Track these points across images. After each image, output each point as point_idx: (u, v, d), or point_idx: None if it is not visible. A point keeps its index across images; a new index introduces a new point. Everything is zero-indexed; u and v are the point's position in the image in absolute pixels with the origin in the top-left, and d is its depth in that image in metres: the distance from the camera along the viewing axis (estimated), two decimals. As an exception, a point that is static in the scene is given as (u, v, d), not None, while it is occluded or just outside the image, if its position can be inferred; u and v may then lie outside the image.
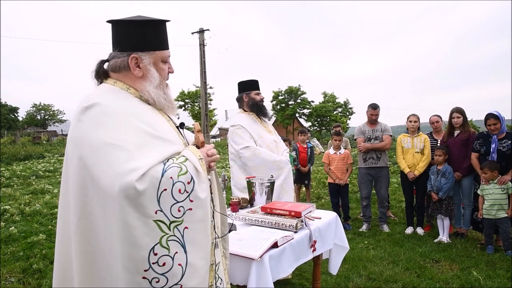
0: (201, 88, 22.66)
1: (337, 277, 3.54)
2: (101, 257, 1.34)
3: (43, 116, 47.23)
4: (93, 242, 1.35)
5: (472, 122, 24.70)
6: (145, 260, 1.28)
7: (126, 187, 1.24)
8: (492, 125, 4.42)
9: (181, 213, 1.35)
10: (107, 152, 1.29)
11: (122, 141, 1.32)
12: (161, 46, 1.57)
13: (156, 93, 1.54)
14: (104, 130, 1.33)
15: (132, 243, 1.28)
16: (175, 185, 1.34)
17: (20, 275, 3.77)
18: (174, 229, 1.33)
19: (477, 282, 3.49)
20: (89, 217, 1.35)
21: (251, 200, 3.01)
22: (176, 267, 1.33)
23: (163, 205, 1.31)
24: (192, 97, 37.26)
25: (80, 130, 1.37)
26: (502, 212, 4.22)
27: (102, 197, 1.29)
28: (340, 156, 5.78)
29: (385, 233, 5.17)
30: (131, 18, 1.53)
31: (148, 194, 1.28)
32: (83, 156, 1.33)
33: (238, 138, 3.54)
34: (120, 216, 1.26)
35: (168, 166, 1.35)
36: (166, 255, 1.31)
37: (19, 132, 29.79)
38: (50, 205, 6.95)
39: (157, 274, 1.30)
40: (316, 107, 38.25)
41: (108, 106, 1.40)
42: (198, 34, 22.27)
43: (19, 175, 11.33)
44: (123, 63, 1.52)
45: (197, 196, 1.40)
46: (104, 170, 1.28)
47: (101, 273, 1.35)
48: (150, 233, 1.29)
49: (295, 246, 2.22)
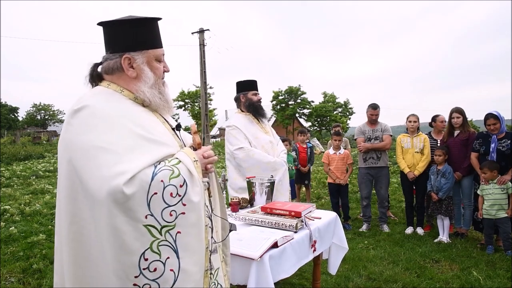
0: (201, 88, 22.66)
1: (337, 277, 3.55)
2: (92, 263, 1.30)
3: (43, 116, 47.24)
4: (84, 248, 1.31)
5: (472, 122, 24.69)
6: (135, 266, 1.25)
7: (113, 191, 1.21)
8: (492, 125, 4.42)
9: (173, 218, 1.32)
10: (95, 155, 1.26)
11: (111, 144, 1.29)
12: (154, 45, 1.54)
13: (151, 92, 1.51)
14: (94, 133, 1.31)
15: (122, 248, 1.25)
16: (166, 188, 1.30)
17: (20, 275, 3.77)
18: (166, 234, 1.30)
19: (477, 282, 3.49)
20: (80, 222, 1.31)
21: (251, 200, 3.01)
22: (168, 272, 1.30)
23: (153, 209, 1.28)
24: (192, 97, 37.25)
25: (70, 133, 1.35)
26: (502, 212, 4.22)
27: (91, 201, 1.26)
28: (340, 156, 5.79)
29: (385, 233, 5.17)
30: (121, 18, 1.50)
31: (137, 198, 1.25)
32: (72, 159, 1.31)
33: (232, 139, 3.56)
34: (109, 220, 1.23)
35: (159, 169, 1.32)
36: (158, 260, 1.28)
37: (19, 132, 29.79)
38: (50, 205, 6.95)
39: (148, 280, 1.27)
40: (316, 107, 38.24)
41: (99, 109, 1.37)
42: (198, 34, 22.27)
43: (19, 175, 11.33)
44: (116, 65, 1.49)
45: (190, 199, 1.36)
46: (92, 174, 1.25)
47: (92, 281, 1.31)
48: (141, 238, 1.26)
49: (295, 246, 2.22)
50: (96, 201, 1.24)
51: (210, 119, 34.84)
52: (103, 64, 1.53)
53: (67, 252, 1.35)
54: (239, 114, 3.75)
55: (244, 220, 2.51)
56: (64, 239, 1.36)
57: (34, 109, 46.96)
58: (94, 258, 1.30)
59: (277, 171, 3.49)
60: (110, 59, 1.50)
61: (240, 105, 3.76)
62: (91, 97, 1.44)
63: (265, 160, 3.47)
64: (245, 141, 3.52)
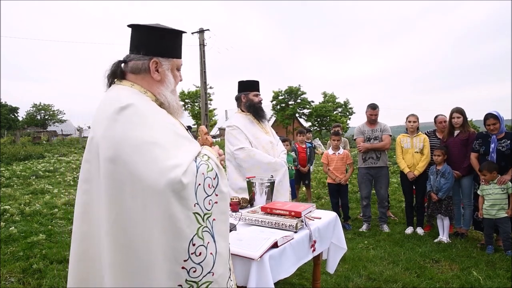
0: (201, 88, 22.65)
1: (337, 277, 3.55)
2: (140, 249, 1.36)
3: (43, 116, 47.16)
4: (130, 237, 1.36)
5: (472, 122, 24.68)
6: (185, 251, 1.38)
7: (172, 181, 1.33)
8: (492, 125, 4.42)
9: (211, 206, 1.48)
10: (148, 150, 1.36)
11: (160, 140, 1.40)
12: (178, 55, 1.68)
13: (171, 97, 1.64)
14: (143, 130, 1.40)
15: (176, 234, 1.36)
16: (205, 180, 1.46)
17: (20, 275, 3.77)
18: (206, 220, 1.45)
19: (477, 282, 3.49)
20: (126, 212, 1.36)
21: (251, 200, 3.01)
22: (209, 256, 1.44)
23: (199, 199, 1.43)
24: (192, 97, 37.24)
25: (118, 129, 1.40)
26: (502, 212, 4.22)
27: (144, 192, 1.34)
28: (339, 156, 5.78)
29: (385, 233, 5.17)
30: (153, 25, 1.61)
31: (189, 188, 1.39)
32: (121, 155, 1.36)
33: (233, 139, 3.55)
34: (166, 208, 1.34)
35: (199, 163, 1.48)
36: (202, 245, 1.42)
37: (19, 132, 29.74)
38: (50, 205, 6.95)
39: (194, 264, 1.40)
40: (316, 107, 38.23)
41: (142, 107, 1.47)
42: (198, 34, 22.25)
43: (19, 175, 11.32)
44: (144, 66, 1.58)
45: (221, 190, 1.53)
46: (148, 167, 1.34)
47: (139, 267, 1.36)
48: (191, 225, 1.39)
49: (295, 246, 2.22)
50: (152, 191, 1.33)
51: (210, 119, 34.86)
52: (129, 63, 1.61)
53: (108, 245, 1.40)
54: (240, 114, 3.74)
55: (244, 220, 2.51)
56: (103, 234, 1.42)
57: (34, 109, 46.88)
58: (141, 245, 1.36)
59: (277, 171, 3.49)
60: (138, 59, 1.59)
61: (240, 105, 3.75)
62: (130, 96, 1.51)
63: (266, 160, 3.47)
64: (246, 141, 3.52)
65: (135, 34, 1.62)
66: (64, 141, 26.76)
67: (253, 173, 3.32)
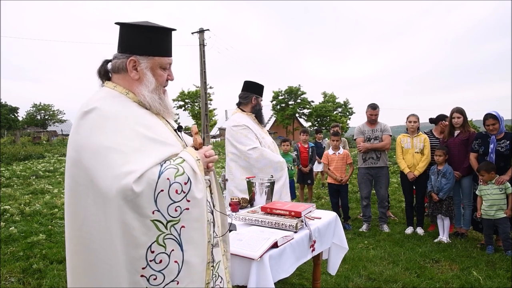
0: (201, 88, 22.66)
1: (337, 277, 3.55)
2: (103, 258, 1.36)
3: (43, 116, 47.16)
4: (94, 245, 1.37)
5: (472, 122, 24.69)
6: (143, 258, 1.34)
7: (123, 189, 1.29)
8: (491, 125, 4.42)
9: (178, 213, 1.40)
10: (105, 155, 1.33)
11: (120, 145, 1.36)
12: (161, 53, 1.59)
13: (151, 97, 1.57)
14: (103, 134, 1.37)
15: (131, 242, 1.33)
16: (171, 186, 1.39)
17: (20, 275, 3.77)
18: (171, 228, 1.39)
19: (477, 282, 3.49)
20: (89, 219, 1.37)
21: (251, 200, 3.01)
22: (172, 264, 1.38)
23: (160, 205, 1.36)
24: (192, 97, 37.22)
25: (80, 134, 1.41)
26: (501, 212, 4.22)
27: (102, 199, 1.32)
28: (339, 156, 5.79)
29: (385, 233, 5.17)
30: (136, 22, 1.58)
31: (145, 195, 1.33)
32: (82, 159, 1.36)
33: (244, 139, 3.46)
34: (119, 216, 1.31)
35: (165, 167, 1.40)
36: (163, 252, 1.37)
37: (19, 132, 29.73)
38: (50, 205, 6.96)
39: (154, 271, 1.35)
40: (316, 107, 38.23)
41: (107, 111, 1.43)
42: (198, 34, 22.25)
43: (19, 175, 11.33)
44: (122, 65, 1.56)
45: (194, 196, 1.44)
46: (103, 173, 1.32)
47: (104, 277, 1.37)
48: (148, 232, 1.34)
49: (295, 246, 2.22)
50: (107, 198, 1.31)
51: (210, 119, 34.83)
52: (111, 62, 1.60)
53: (74, 251, 1.42)
54: (243, 114, 3.68)
55: (244, 220, 2.51)
56: (72, 237, 1.43)
57: (34, 109, 46.88)
58: (105, 253, 1.36)
59: (283, 170, 3.54)
60: (118, 58, 1.57)
61: (245, 105, 3.71)
62: (99, 99, 1.49)
63: (276, 159, 3.49)
64: (257, 141, 3.50)
65: (120, 32, 1.59)
66: (64, 141, 26.74)
67: (265, 173, 3.33)
